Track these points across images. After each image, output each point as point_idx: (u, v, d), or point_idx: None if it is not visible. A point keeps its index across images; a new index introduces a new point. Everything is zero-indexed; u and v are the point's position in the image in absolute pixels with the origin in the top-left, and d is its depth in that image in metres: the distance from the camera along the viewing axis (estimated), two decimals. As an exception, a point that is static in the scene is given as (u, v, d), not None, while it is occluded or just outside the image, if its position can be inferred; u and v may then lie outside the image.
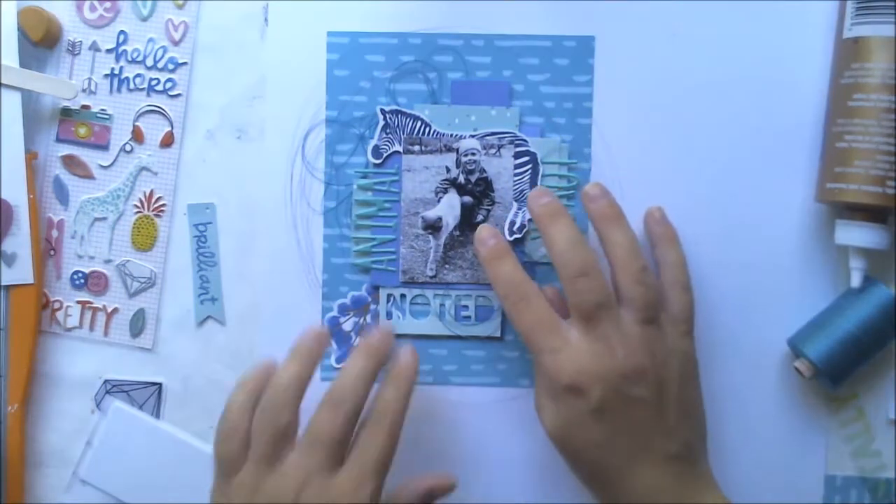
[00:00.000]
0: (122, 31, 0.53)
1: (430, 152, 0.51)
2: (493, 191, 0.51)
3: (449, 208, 0.51)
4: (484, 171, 0.51)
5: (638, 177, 0.51)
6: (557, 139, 0.51)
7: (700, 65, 0.51)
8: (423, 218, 0.51)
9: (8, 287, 0.52)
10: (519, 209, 0.51)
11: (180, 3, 0.53)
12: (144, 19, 0.53)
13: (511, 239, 0.51)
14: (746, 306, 0.51)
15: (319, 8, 0.52)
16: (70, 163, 0.54)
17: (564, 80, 0.51)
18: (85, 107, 0.53)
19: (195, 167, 0.53)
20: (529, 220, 0.51)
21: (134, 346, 0.54)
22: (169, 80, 0.53)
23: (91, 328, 0.54)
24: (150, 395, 0.53)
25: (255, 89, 0.52)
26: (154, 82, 0.53)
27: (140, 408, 0.53)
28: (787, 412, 0.51)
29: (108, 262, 0.54)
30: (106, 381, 0.54)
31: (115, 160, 0.54)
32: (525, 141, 0.51)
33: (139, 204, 0.54)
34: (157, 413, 0.53)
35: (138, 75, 0.53)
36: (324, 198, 0.52)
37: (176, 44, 0.53)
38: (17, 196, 0.51)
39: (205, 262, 0.53)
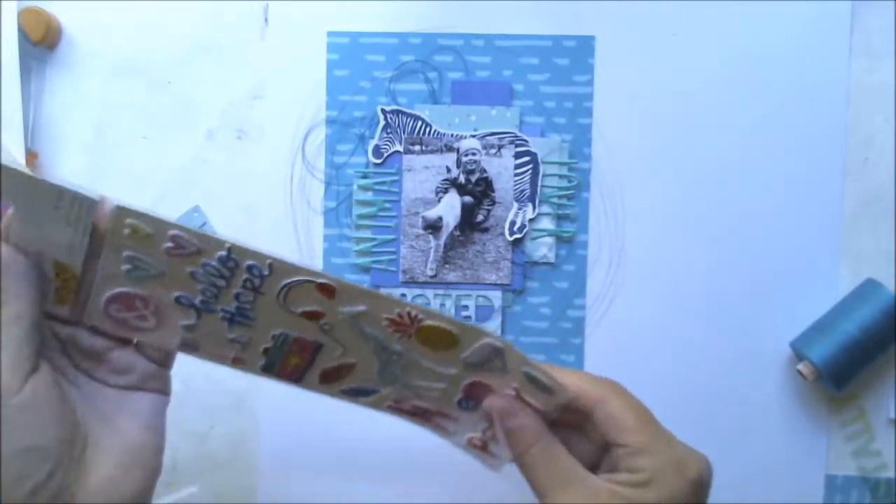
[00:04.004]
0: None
1: (431, 152, 0.51)
2: (493, 190, 0.51)
3: (449, 208, 0.51)
4: (484, 170, 0.51)
5: (638, 177, 0.51)
6: (558, 139, 0.51)
7: (700, 65, 0.51)
8: (423, 218, 0.51)
9: (7, 287, 0.51)
10: (519, 209, 0.51)
11: (180, 3, 0.53)
12: (144, 19, 0.53)
13: (511, 239, 0.51)
14: (750, 309, 0.51)
15: (319, 8, 0.52)
16: (70, 163, 0.54)
17: (564, 80, 0.51)
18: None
19: (195, 167, 0.53)
20: (530, 220, 0.51)
21: (134, 347, 0.53)
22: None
23: (91, 328, 0.54)
24: (149, 396, 0.53)
25: (255, 89, 0.52)
26: (154, 82, 0.53)
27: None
28: (788, 412, 0.51)
29: (107, 262, 0.54)
30: (105, 382, 0.53)
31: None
32: (525, 141, 0.51)
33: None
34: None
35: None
36: (324, 198, 0.52)
37: (176, 44, 0.53)
38: (17, 196, 0.51)
39: None
